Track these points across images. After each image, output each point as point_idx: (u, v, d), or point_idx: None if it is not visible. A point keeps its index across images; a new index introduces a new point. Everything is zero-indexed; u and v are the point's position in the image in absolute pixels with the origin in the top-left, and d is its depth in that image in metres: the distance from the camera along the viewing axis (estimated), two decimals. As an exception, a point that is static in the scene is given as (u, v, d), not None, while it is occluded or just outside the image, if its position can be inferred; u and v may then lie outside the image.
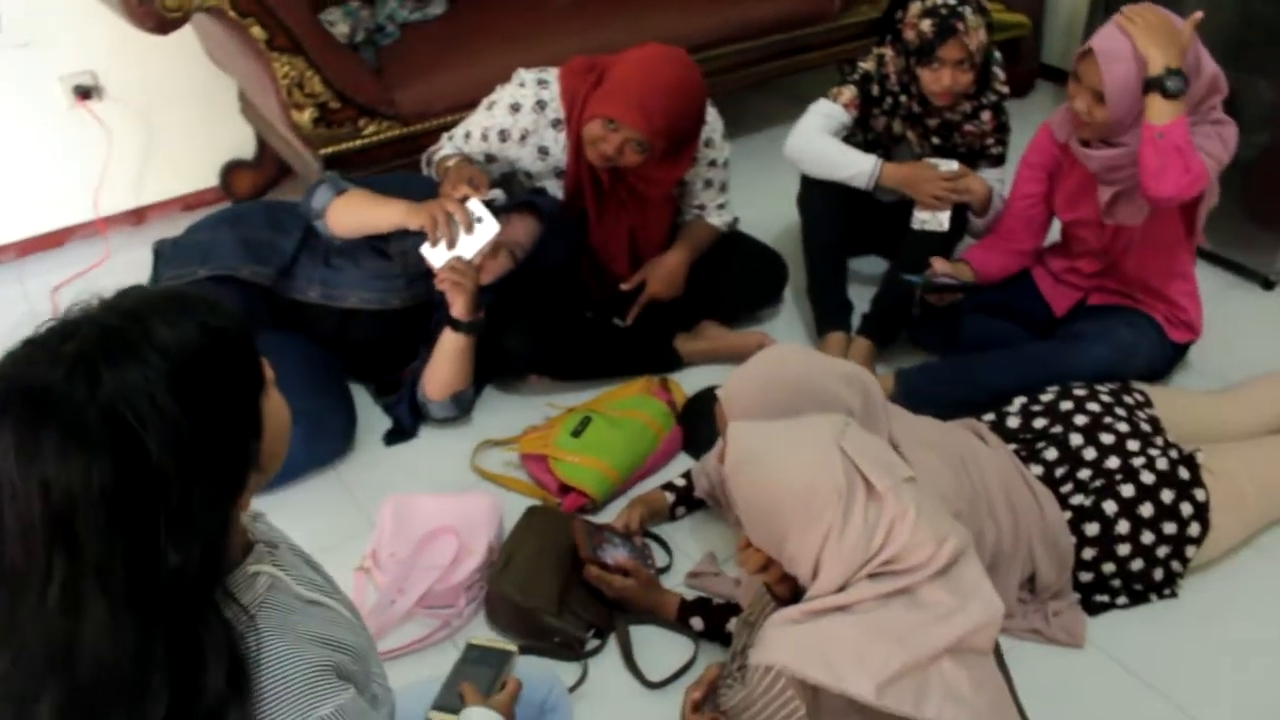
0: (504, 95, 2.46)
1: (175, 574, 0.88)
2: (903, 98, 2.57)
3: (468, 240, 2.23)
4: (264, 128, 3.16)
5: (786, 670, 1.50)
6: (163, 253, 2.46)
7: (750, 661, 1.56)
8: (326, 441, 2.35)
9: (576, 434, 2.28)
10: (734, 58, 3.36)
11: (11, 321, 2.37)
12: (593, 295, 2.64)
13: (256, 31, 2.56)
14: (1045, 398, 2.15)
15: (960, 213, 2.59)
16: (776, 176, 2.86)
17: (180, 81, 3.19)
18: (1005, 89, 2.60)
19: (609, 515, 2.19)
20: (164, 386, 0.88)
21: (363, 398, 2.56)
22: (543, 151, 2.47)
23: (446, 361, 2.34)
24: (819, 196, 2.62)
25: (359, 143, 2.79)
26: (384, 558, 2.06)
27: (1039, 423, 2.10)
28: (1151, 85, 2.04)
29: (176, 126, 3.27)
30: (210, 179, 3.39)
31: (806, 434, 1.61)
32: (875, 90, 2.62)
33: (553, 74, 2.44)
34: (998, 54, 3.61)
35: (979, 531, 1.82)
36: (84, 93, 3.07)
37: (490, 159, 2.50)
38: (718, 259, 2.65)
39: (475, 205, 2.24)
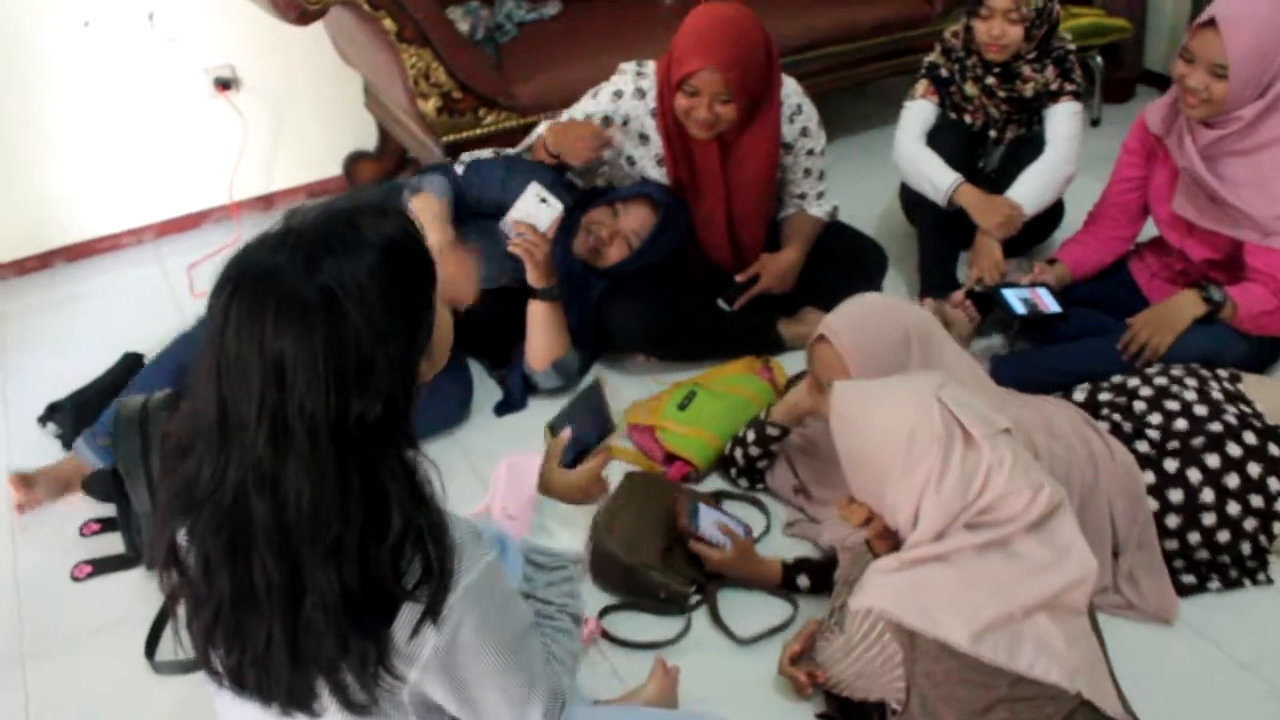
0: (608, 84, 2.61)
1: (359, 419, 1.07)
2: (969, 60, 2.73)
3: (540, 216, 2.35)
4: (387, 119, 3.33)
5: (885, 615, 1.58)
6: None
7: (850, 606, 1.64)
8: (445, 408, 2.49)
9: (683, 407, 2.38)
10: (835, 59, 3.45)
11: (151, 295, 2.59)
12: (695, 276, 2.75)
13: (388, 24, 2.73)
14: (1114, 378, 2.20)
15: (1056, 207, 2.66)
16: (874, 177, 2.97)
17: (310, 76, 3.39)
18: (1072, 48, 2.73)
19: (710, 486, 2.30)
20: (367, 271, 1.08)
21: (476, 371, 2.70)
22: (643, 138, 2.59)
23: (537, 329, 2.47)
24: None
25: (479, 131, 2.95)
26: (497, 512, 2.18)
27: (1104, 395, 2.15)
28: None
29: (305, 118, 3.47)
30: (334, 168, 3.58)
31: (906, 387, 1.70)
32: (944, 71, 2.80)
33: (650, 65, 2.57)
34: (1098, 58, 3.67)
35: (1065, 479, 1.87)
36: (224, 84, 3.29)
37: None
38: (820, 247, 2.74)
39: (536, 189, 2.35)
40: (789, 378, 2.49)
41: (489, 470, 2.31)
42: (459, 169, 2.65)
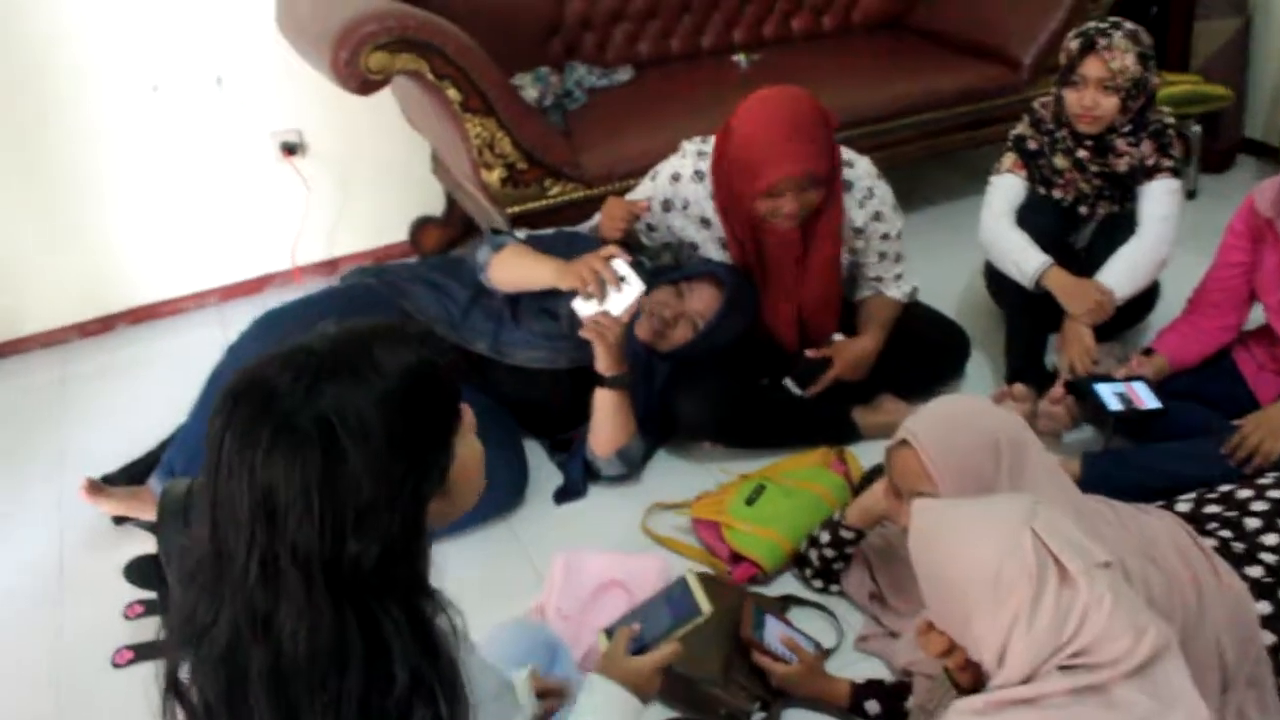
0: (667, 165, 2.50)
1: (355, 563, 0.99)
2: (1059, 132, 2.57)
3: (615, 298, 2.26)
4: (453, 186, 3.27)
5: (969, 764, 1.43)
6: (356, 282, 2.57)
7: (929, 752, 1.49)
8: (498, 493, 2.37)
9: (750, 502, 2.25)
10: (917, 129, 3.33)
11: (212, 360, 2.53)
12: (764, 359, 2.62)
13: (452, 93, 2.66)
14: (1223, 487, 2.02)
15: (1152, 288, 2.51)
16: (956, 252, 2.83)
17: (378, 141, 3.35)
18: (1170, 121, 2.56)
19: (780, 587, 2.16)
20: (372, 402, 1.01)
21: (536, 454, 2.59)
22: (704, 222, 2.48)
23: (602, 417, 2.36)
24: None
25: (544, 202, 2.86)
26: (551, 612, 2.07)
27: (1211, 509, 1.96)
28: None
29: (371, 183, 3.43)
30: (400, 234, 3.53)
31: (996, 513, 1.55)
32: (1032, 143, 2.64)
33: (712, 144, 2.45)
34: (1196, 127, 3.49)
35: (1167, 611, 1.70)
36: (290, 149, 3.26)
37: (652, 229, 2.53)
38: (898, 329, 2.60)
39: (619, 265, 2.27)
40: (864, 472, 2.35)
41: (545, 562, 2.21)
42: (520, 235, 2.57)
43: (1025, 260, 2.53)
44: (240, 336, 2.41)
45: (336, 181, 3.37)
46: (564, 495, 2.47)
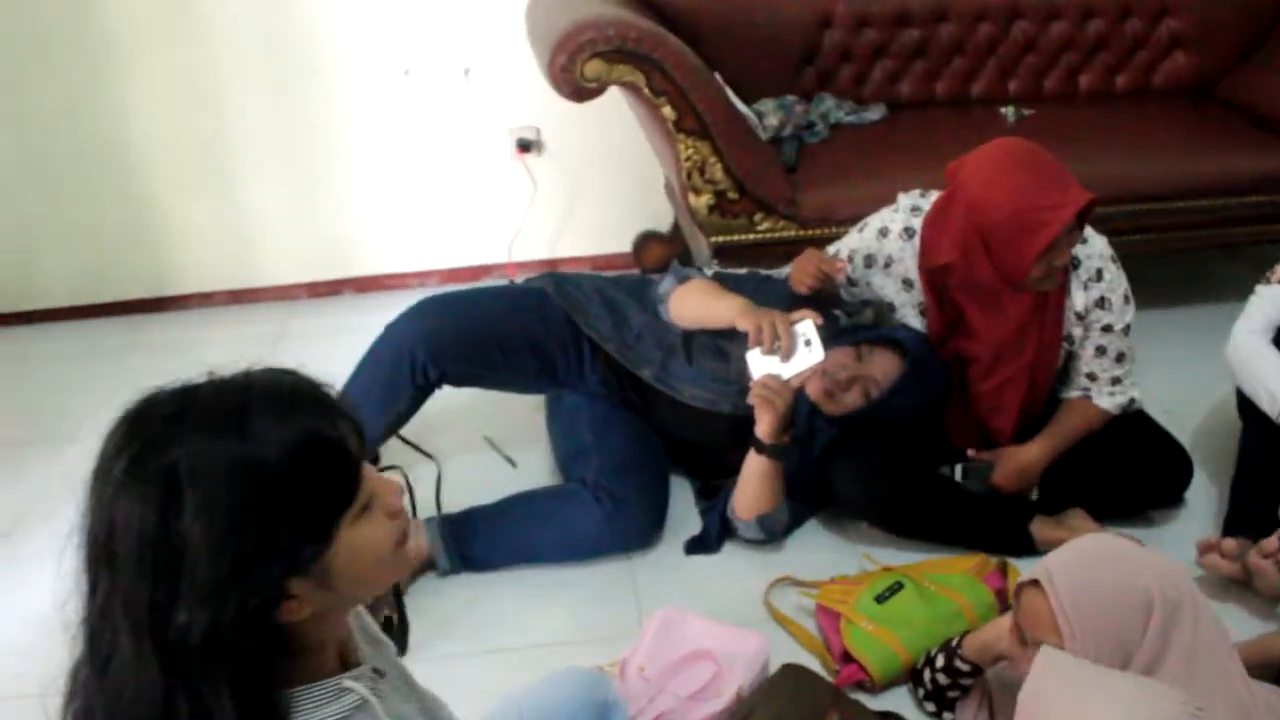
0: (877, 218, 2.29)
1: (181, 631, 0.89)
2: None
3: (790, 361, 2.10)
4: (674, 203, 3.18)
5: None
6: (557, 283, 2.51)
7: None
8: (625, 525, 2.25)
9: (882, 599, 2.02)
10: (1202, 214, 2.91)
11: None
12: (954, 444, 2.36)
13: (667, 111, 2.56)
14: None
15: None
16: (1217, 362, 2.42)
17: (614, 147, 3.29)
18: None
19: (889, 701, 1.92)
20: (227, 466, 0.90)
21: (686, 495, 2.46)
22: (907, 284, 2.25)
23: (750, 480, 2.19)
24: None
25: (751, 236, 2.71)
26: (631, 670, 1.93)
27: None
28: None
29: (601, 189, 3.40)
30: (623, 244, 3.47)
31: (1135, 699, 1.31)
32: None
33: (931, 200, 2.21)
34: None
35: None
36: (525, 146, 3.27)
37: (853, 283, 2.32)
38: (1103, 440, 2.27)
39: (806, 327, 2.11)
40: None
41: (651, 610, 2.06)
42: (707, 273, 2.44)
43: (1277, 386, 2.14)
44: (398, 316, 2.39)
45: (567, 183, 3.36)
46: (695, 546, 2.32)
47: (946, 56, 3.25)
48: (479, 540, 2.24)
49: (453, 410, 2.65)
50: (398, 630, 2.09)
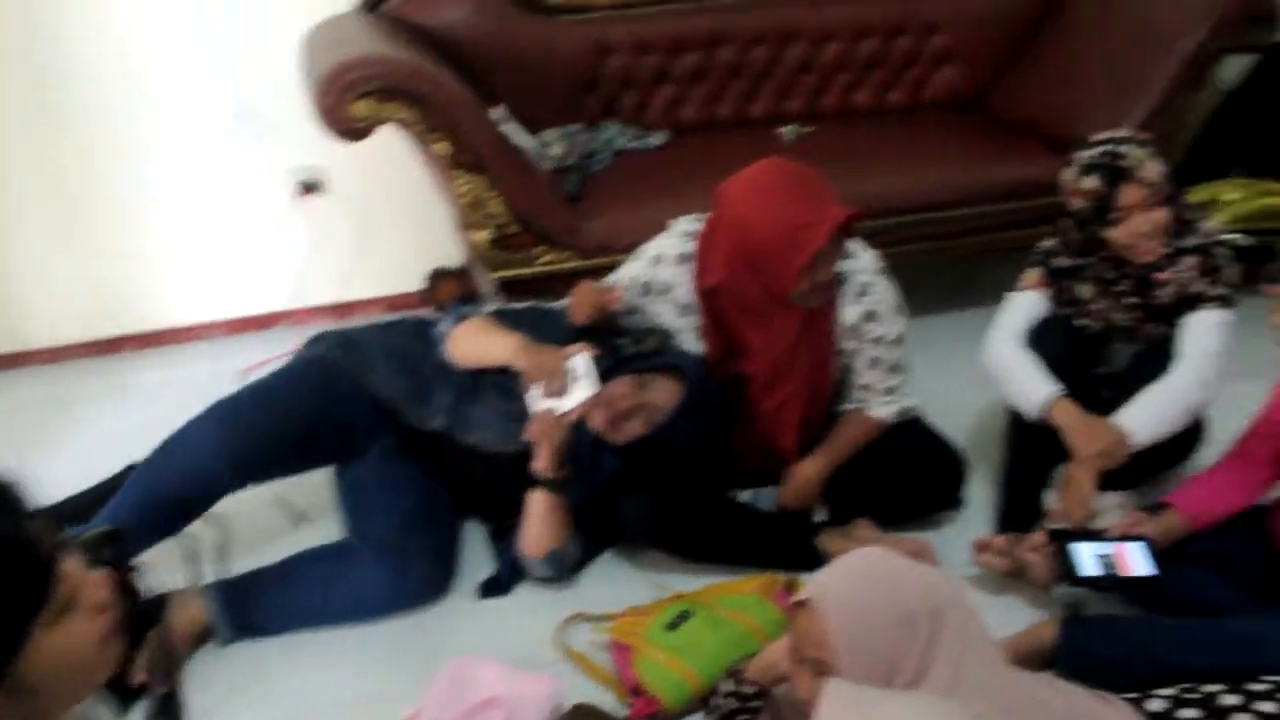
0: (652, 245, 2.31)
1: None
2: (1087, 259, 2.29)
3: (564, 397, 2.10)
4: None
5: None
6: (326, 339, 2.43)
7: None
8: (412, 587, 2.20)
9: (672, 626, 2.02)
10: (968, 222, 3.04)
11: (199, 397, 2.46)
12: (746, 467, 2.39)
13: (441, 148, 2.53)
14: (1209, 688, 1.69)
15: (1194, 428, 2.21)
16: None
17: (401, 185, 3.23)
18: (1223, 237, 2.25)
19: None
20: None
21: (479, 534, 2.42)
22: (685, 309, 2.27)
23: (535, 516, 2.18)
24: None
25: (534, 269, 2.70)
26: (419, 727, 1.88)
27: (1188, 713, 1.64)
28: None
29: (391, 227, 3.33)
30: (416, 283, 3.41)
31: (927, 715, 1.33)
32: (1062, 260, 2.33)
33: (702, 235, 2.24)
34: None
35: None
36: (308, 187, 3.18)
37: (632, 311, 2.32)
38: (882, 450, 2.33)
39: (580, 361, 2.11)
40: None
41: (444, 661, 1.99)
42: (489, 308, 2.41)
43: (1033, 388, 2.23)
44: (191, 424, 2.25)
45: (355, 224, 3.28)
46: (489, 589, 2.28)
47: (726, 78, 3.31)
48: (260, 608, 2.14)
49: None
50: (173, 709, 1.97)
